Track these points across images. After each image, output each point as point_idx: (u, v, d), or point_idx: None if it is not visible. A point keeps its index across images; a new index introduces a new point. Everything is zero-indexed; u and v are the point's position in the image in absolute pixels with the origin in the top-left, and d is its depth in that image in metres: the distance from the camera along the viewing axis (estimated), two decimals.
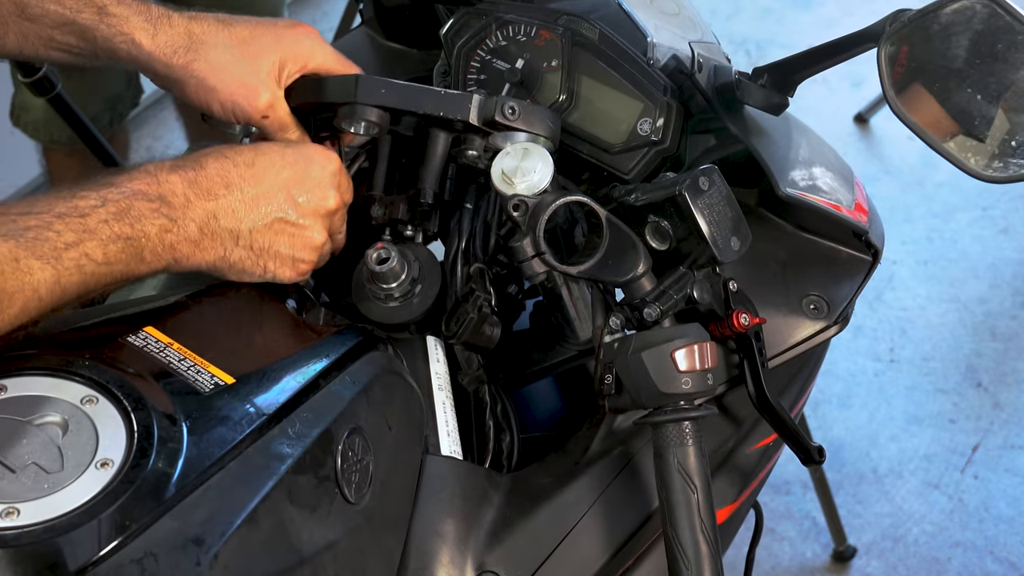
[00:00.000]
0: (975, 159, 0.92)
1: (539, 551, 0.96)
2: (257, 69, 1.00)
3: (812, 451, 0.98)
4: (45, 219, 0.78)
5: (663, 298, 0.90)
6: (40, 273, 0.77)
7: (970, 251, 2.68)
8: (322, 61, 1.03)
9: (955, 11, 0.89)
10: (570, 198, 0.89)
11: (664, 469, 0.89)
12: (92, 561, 0.66)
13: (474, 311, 0.99)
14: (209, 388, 0.81)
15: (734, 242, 0.91)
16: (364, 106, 0.99)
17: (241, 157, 0.92)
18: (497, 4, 1.10)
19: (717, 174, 0.91)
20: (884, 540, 2.14)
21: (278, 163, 0.93)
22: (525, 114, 0.99)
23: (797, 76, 1.01)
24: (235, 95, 0.99)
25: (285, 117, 1.02)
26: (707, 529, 0.87)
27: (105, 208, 0.82)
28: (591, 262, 0.89)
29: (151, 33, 0.98)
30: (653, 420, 0.90)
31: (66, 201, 0.81)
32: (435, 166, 1.04)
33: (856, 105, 3.01)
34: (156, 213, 0.85)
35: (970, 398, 2.37)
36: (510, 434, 1.06)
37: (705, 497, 0.88)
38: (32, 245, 0.77)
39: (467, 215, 1.06)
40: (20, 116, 2.06)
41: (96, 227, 0.81)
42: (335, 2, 3.28)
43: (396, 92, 1.00)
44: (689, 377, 0.88)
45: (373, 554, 0.88)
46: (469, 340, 1.01)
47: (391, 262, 0.99)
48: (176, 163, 0.89)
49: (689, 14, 1.19)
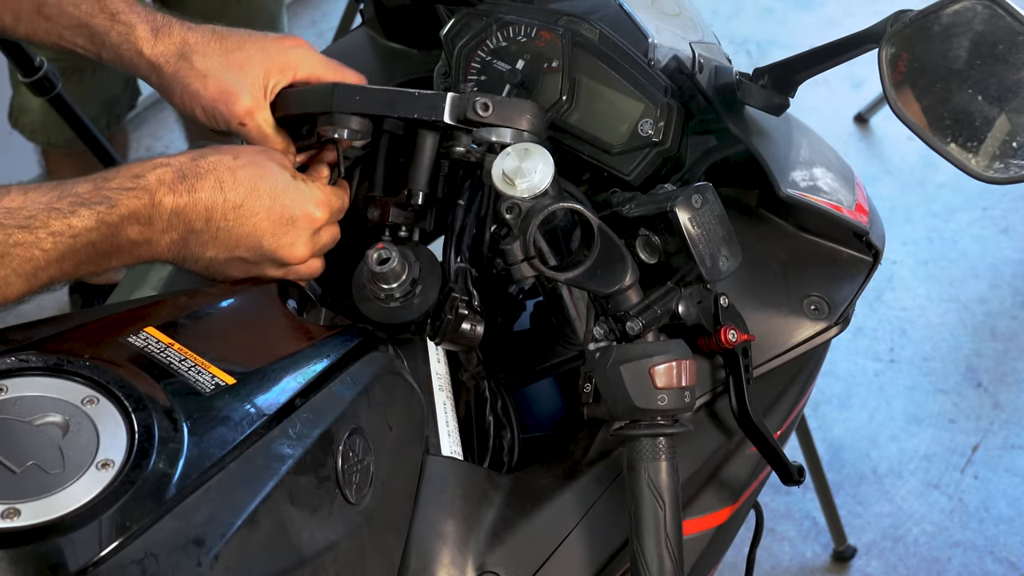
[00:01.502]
0: (976, 160, 0.92)
1: (540, 552, 0.96)
2: (241, 77, 1.01)
3: (792, 471, 0.99)
4: (39, 235, 0.82)
5: (646, 312, 0.90)
6: (16, 286, 0.83)
7: (970, 251, 2.68)
8: (310, 71, 1.05)
9: (956, 12, 0.89)
10: (563, 205, 0.89)
11: (634, 482, 0.89)
12: (93, 562, 0.66)
13: (450, 312, 0.99)
14: (210, 388, 0.81)
15: (722, 262, 0.90)
16: (343, 114, 1.01)
17: (233, 193, 0.93)
18: (498, 5, 1.10)
19: (711, 192, 0.90)
20: (884, 540, 2.14)
21: (263, 210, 0.95)
22: (500, 109, 0.99)
23: (798, 77, 1.01)
24: (216, 100, 1.01)
25: (265, 126, 1.03)
26: (672, 545, 0.88)
27: (97, 231, 0.85)
28: (579, 271, 0.89)
29: (152, 43, 1.01)
30: (627, 433, 0.90)
31: (63, 218, 0.84)
32: (423, 166, 1.04)
33: (856, 105, 3.01)
34: (139, 234, 0.89)
35: (970, 398, 2.37)
36: (511, 430, 1.06)
37: (673, 514, 0.89)
38: (18, 264, 0.82)
39: (460, 211, 1.06)
40: (18, 118, 2.06)
41: (81, 247, 0.85)
42: (335, 2, 3.28)
43: (370, 98, 1.01)
44: (666, 394, 0.88)
45: (373, 554, 0.88)
46: (451, 340, 1.01)
47: (392, 262, 0.99)
48: (175, 183, 0.90)
49: (690, 15, 1.19)
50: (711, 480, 1.04)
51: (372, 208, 1.06)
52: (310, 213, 0.98)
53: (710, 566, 1.09)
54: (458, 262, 1.03)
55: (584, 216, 0.89)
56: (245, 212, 0.94)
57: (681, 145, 1.08)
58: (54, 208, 0.84)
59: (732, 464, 1.04)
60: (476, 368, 1.06)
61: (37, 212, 0.83)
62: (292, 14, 2.97)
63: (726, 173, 1.12)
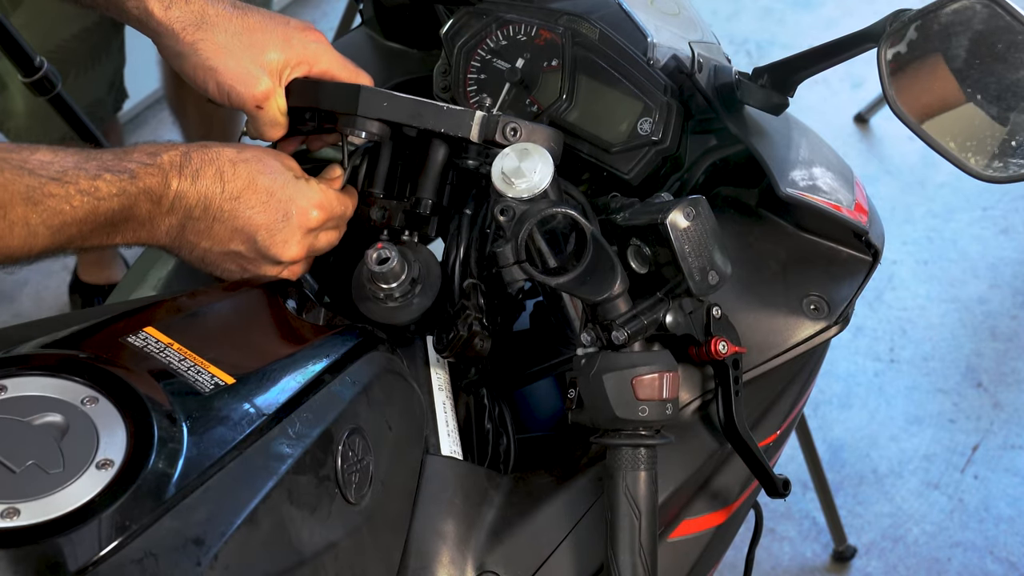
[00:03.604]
0: (975, 159, 0.92)
1: (539, 551, 0.96)
2: (261, 60, 1.01)
3: (777, 484, 0.99)
4: (69, 191, 0.84)
5: (633, 322, 0.90)
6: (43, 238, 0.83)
7: (970, 251, 2.68)
8: (327, 67, 1.04)
9: (955, 11, 0.89)
10: (557, 210, 0.89)
11: (612, 491, 0.90)
12: (92, 561, 0.66)
13: (464, 329, 0.99)
14: (209, 388, 0.81)
15: (712, 276, 0.90)
16: (366, 118, 1.01)
17: (231, 185, 0.94)
18: (497, 4, 1.10)
19: (704, 206, 0.90)
20: (884, 540, 2.14)
21: (259, 204, 0.95)
22: (527, 134, 1.00)
23: (797, 76, 1.01)
24: (234, 79, 1.00)
25: (278, 113, 1.03)
26: (646, 555, 0.88)
27: (118, 198, 0.87)
28: (568, 277, 0.89)
29: (165, 5, 0.99)
30: (607, 442, 0.90)
31: (90, 179, 0.85)
32: (434, 175, 1.05)
33: (856, 105, 3.01)
34: (147, 212, 0.90)
35: (970, 398, 2.37)
36: (507, 437, 1.06)
37: (648, 524, 0.89)
38: (48, 215, 0.82)
39: (466, 221, 1.06)
40: (3, 122, 2.05)
41: (102, 212, 0.86)
42: (335, 2, 3.28)
43: (398, 106, 1.01)
44: (647, 405, 0.88)
45: (373, 554, 0.88)
46: (458, 354, 1.01)
47: (391, 262, 0.99)
48: (183, 167, 0.91)
49: (689, 14, 1.19)
50: (711, 480, 1.04)
51: (376, 209, 1.06)
52: (306, 212, 0.98)
53: (710, 566, 1.09)
54: (467, 277, 1.02)
55: (579, 223, 0.89)
56: (241, 205, 0.94)
57: (680, 144, 1.08)
58: (82, 168, 0.85)
59: (732, 464, 1.04)
60: (473, 376, 1.06)
61: (68, 168, 0.84)
62: (292, 14, 2.97)
63: (726, 173, 1.12)
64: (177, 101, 2.30)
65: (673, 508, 1.01)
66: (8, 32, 1.59)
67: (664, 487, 0.97)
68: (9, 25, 1.59)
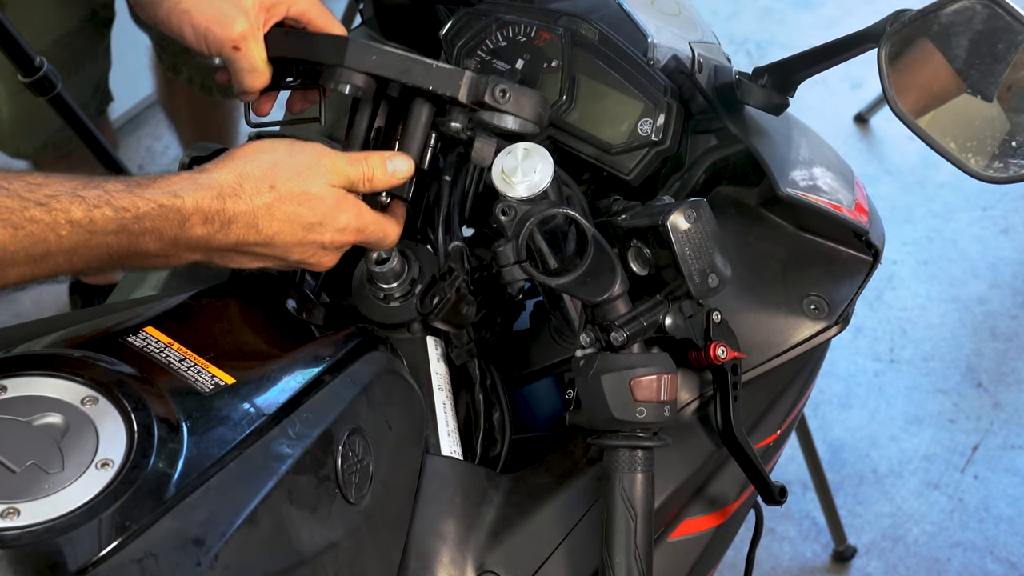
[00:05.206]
0: (975, 159, 0.92)
1: (539, 551, 0.96)
2: (238, 0, 0.97)
3: (774, 491, 0.99)
4: (57, 219, 0.77)
5: (632, 324, 0.90)
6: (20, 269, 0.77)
7: (970, 251, 2.68)
8: (304, 9, 1.01)
9: (955, 11, 0.89)
10: (558, 211, 0.89)
11: (608, 492, 0.90)
12: (92, 561, 0.66)
13: (452, 291, 0.98)
14: (209, 388, 0.81)
15: (711, 279, 0.90)
16: (351, 70, 0.97)
17: (269, 229, 0.88)
18: (497, 5, 1.10)
19: (704, 208, 0.90)
20: (884, 540, 2.14)
21: (295, 240, 0.90)
22: (516, 97, 0.97)
23: (797, 76, 1.01)
24: (209, 20, 0.96)
25: (257, 59, 0.99)
26: (641, 557, 0.88)
27: (115, 236, 0.81)
28: (569, 278, 0.89)
29: None
30: (604, 443, 0.90)
31: (85, 210, 0.79)
32: (417, 137, 1.00)
33: (856, 105, 3.01)
34: (158, 249, 0.84)
35: (970, 398, 2.37)
36: (500, 408, 1.05)
37: (644, 526, 0.89)
38: (29, 243, 0.77)
39: (446, 187, 1.04)
40: None
41: (96, 246, 0.80)
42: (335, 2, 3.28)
43: (387, 60, 0.97)
44: (645, 407, 0.89)
45: (373, 554, 0.88)
46: (446, 318, 1.00)
47: (391, 262, 0.99)
48: (211, 214, 0.85)
49: (689, 14, 1.19)
50: (711, 481, 1.04)
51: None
52: (343, 234, 0.93)
53: (710, 566, 1.09)
54: (451, 240, 1.01)
55: (579, 224, 0.89)
56: (276, 241, 0.89)
57: (681, 145, 1.08)
58: (78, 195, 0.78)
59: (732, 465, 1.04)
60: (467, 345, 1.05)
61: (60, 194, 0.77)
62: None
63: (726, 173, 1.12)
64: (170, 104, 2.29)
65: (673, 508, 1.01)
66: (7, 31, 1.59)
67: (664, 487, 0.97)
68: (9, 24, 1.58)
